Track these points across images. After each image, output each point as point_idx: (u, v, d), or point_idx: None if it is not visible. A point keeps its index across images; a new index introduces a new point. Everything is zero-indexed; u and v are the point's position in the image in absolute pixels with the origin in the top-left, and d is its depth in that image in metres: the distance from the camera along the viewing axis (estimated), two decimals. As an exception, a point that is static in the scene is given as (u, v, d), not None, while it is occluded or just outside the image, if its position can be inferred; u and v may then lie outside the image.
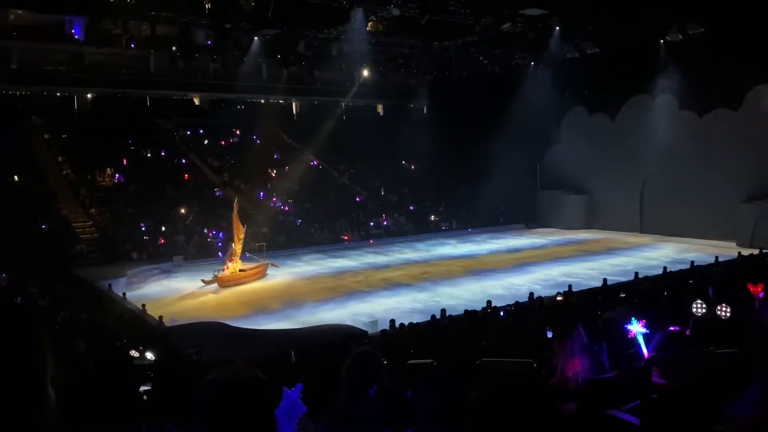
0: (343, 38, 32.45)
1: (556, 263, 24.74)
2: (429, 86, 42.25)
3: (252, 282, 22.75)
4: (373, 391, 2.70)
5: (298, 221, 31.80)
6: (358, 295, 20.30)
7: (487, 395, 1.46)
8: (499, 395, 1.46)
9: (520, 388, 1.49)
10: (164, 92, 36.76)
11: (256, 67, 35.92)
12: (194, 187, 31.94)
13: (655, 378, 3.54)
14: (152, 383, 4.02)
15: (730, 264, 17.92)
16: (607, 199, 34.38)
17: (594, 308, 11.09)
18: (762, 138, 26.78)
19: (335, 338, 12.76)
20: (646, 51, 30.63)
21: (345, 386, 2.75)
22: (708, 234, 28.39)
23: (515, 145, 32.51)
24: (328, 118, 39.60)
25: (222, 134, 37.69)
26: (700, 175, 29.23)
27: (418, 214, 35.79)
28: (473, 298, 18.13)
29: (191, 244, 27.57)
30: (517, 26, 29.99)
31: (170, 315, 16.98)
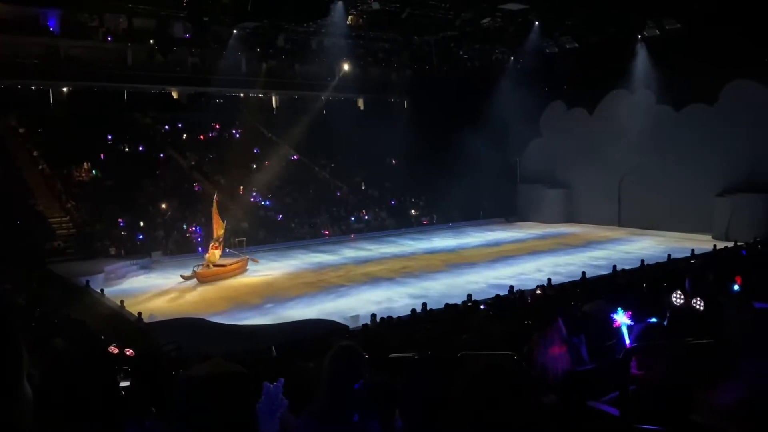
0: (323, 32, 32.35)
1: (535, 257, 24.94)
2: (409, 81, 42.27)
3: (232, 277, 22.61)
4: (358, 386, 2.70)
5: (279, 216, 31.66)
6: (339, 290, 20.29)
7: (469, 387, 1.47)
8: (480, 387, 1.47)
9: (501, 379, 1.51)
10: (142, 86, 36.31)
11: (236, 61, 35.63)
12: (173, 182, 31.63)
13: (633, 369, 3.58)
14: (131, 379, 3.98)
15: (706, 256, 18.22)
16: (586, 193, 34.73)
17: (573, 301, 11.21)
18: (736, 133, 27.19)
19: (316, 333, 12.74)
20: (624, 46, 30.94)
21: (326, 380, 2.75)
22: (684, 227, 28.81)
23: (495, 140, 32.72)
24: (308, 113, 39.44)
25: (201, 128, 37.35)
26: (677, 169, 29.65)
27: (399, 209, 35.85)
28: (454, 292, 18.19)
29: (170, 240, 27.32)
30: (496, 21, 30.12)
31: (149, 311, 16.83)
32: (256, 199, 32.78)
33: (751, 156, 26.89)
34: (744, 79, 27.23)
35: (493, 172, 34.08)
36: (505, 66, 37.11)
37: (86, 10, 30.84)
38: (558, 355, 4.21)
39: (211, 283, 21.59)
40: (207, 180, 32.86)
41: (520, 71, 35.71)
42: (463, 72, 37.79)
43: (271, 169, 34.69)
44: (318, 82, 39.83)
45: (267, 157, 36.05)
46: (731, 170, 27.53)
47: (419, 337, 10.42)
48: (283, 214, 31.97)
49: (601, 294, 11.62)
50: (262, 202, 32.70)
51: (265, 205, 32.59)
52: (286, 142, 37.69)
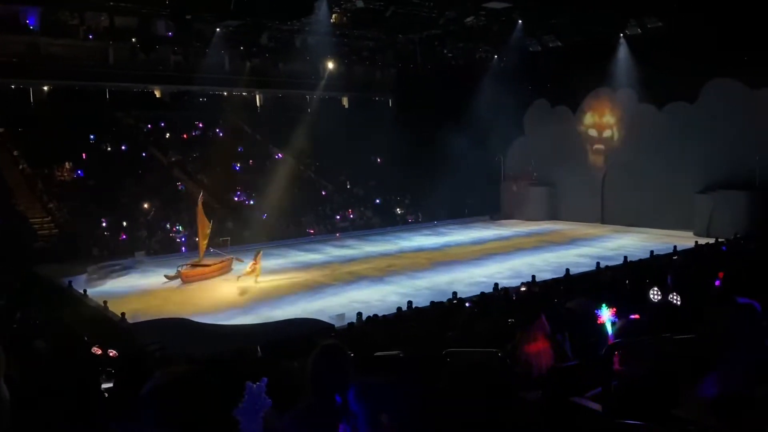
0: (307, 30, 32.25)
1: (520, 254, 25.06)
2: (394, 79, 42.28)
3: (216, 277, 22.49)
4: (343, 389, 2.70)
5: (264, 215, 31.53)
6: (325, 289, 20.25)
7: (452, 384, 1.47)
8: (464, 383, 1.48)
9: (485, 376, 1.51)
10: (124, 84, 35.96)
11: (219, 59, 35.39)
12: (156, 181, 31.39)
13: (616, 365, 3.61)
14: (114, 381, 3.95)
15: (688, 253, 18.43)
16: (569, 190, 34.97)
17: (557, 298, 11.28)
18: (717, 130, 27.52)
19: (302, 332, 12.71)
20: (606, 45, 31.18)
21: (311, 380, 2.74)
22: (666, 224, 29.12)
23: (480, 138, 32.82)
24: (292, 111, 39.31)
25: (184, 127, 37.07)
26: (659, 167, 29.94)
27: (384, 207, 35.85)
28: (439, 290, 18.24)
29: (153, 240, 27.11)
30: (480, 20, 30.22)
31: (133, 311, 16.69)
32: (241, 198, 32.62)
33: (731, 153, 27.21)
34: (724, 78, 27.55)
35: (478, 170, 34.20)
36: (489, 64, 37.24)
37: (67, 8, 30.50)
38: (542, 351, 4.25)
39: (195, 282, 21.45)
40: (190, 179, 32.65)
41: (504, 70, 35.85)
42: (448, 70, 37.87)
43: (256, 168, 34.53)
44: (302, 81, 39.69)
45: (251, 156, 35.89)
46: (712, 167, 27.84)
47: (405, 335, 10.43)
48: (267, 213, 31.84)
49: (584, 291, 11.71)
50: (246, 202, 32.55)
51: (250, 204, 32.44)
52: (270, 140, 37.53)
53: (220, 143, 35.90)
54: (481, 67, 36.98)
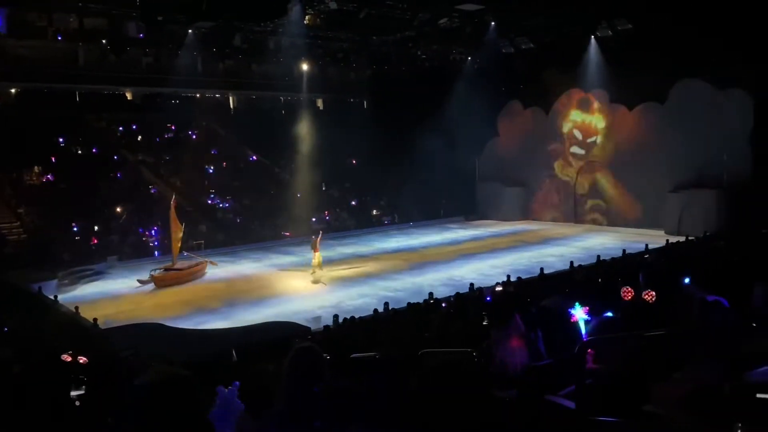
0: (280, 32, 32.08)
1: (494, 254, 25.24)
2: (368, 81, 42.26)
3: (190, 281, 22.25)
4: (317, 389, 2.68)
5: (238, 218, 31.29)
6: (301, 292, 20.17)
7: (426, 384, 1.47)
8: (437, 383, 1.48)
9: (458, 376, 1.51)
10: (94, 87, 35.36)
11: (191, 61, 34.97)
12: (128, 184, 30.96)
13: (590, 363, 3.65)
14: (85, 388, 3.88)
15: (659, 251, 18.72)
16: (543, 191, 35.34)
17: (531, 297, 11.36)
18: (686, 130, 28.03)
19: (277, 336, 12.63)
20: (578, 46, 31.58)
21: (286, 383, 2.72)
22: (638, 223, 29.58)
23: (454, 139, 32.98)
24: (266, 113, 39.05)
25: (156, 130, 36.63)
26: (631, 167, 30.43)
27: (360, 209, 35.83)
28: (416, 291, 18.28)
29: (126, 244, 26.74)
30: (453, 21, 30.39)
31: (105, 317, 16.43)
32: (214, 201, 32.33)
33: (700, 153, 27.73)
34: (692, 78, 28.09)
35: (452, 171, 34.38)
36: (463, 66, 37.46)
37: (35, 9, 29.92)
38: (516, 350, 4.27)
39: (168, 287, 21.19)
40: (163, 182, 32.27)
41: (478, 71, 36.11)
42: (422, 72, 38.00)
43: (230, 171, 34.25)
44: (276, 82, 39.42)
45: (225, 159, 35.60)
46: (682, 167, 28.35)
47: (381, 336, 10.43)
48: (242, 215, 31.61)
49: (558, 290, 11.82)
50: (220, 204, 32.27)
51: (224, 207, 32.17)
52: (244, 142, 37.25)
53: (193, 145, 35.55)
54: (454, 69, 37.20)
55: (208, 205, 31.89)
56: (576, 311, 5.29)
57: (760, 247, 13.46)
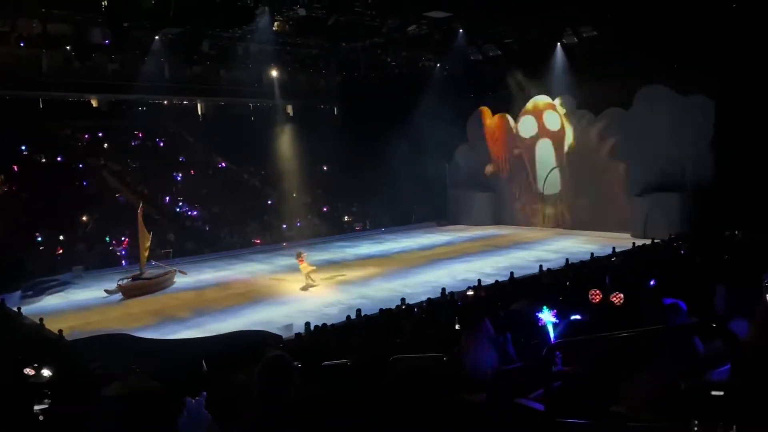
0: (248, 38, 31.92)
1: (465, 259, 25.40)
2: (338, 87, 42.27)
3: (159, 290, 21.92)
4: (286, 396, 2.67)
5: (207, 226, 30.96)
6: (272, 300, 20.00)
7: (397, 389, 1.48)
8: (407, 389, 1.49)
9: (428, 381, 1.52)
10: (58, 94, 34.71)
11: (158, 67, 34.58)
12: (94, 193, 30.41)
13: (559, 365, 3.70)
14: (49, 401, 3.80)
15: (626, 254, 19.06)
16: (513, 196, 35.72)
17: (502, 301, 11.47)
18: (650, 135, 28.61)
19: (248, 344, 12.51)
20: (544, 53, 32.05)
21: (256, 392, 2.70)
22: (605, 226, 30.04)
23: (424, 145, 33.16)
24: (235, 119, 38.77)
25: (123, 137, 36.08)
26: (598, 171, 30.94)
27: (332, 215, 35.76)
28: (388, 297, 18.29)
29: (92, 253, 26.24)
30: (422, 28, 30.59)
31: (71, 328, 16.09)
32: (183, 208, 31.95)
33: (664, 157, 28.32)
34: (656, 84, 28.69)
35: (423, 176, 34.56)
36: (432, 73, 37.73)
37: (-5, 15, 29.28)
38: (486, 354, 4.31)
39: (136, 297, 20.85)
40: (130, 190, 31.77)
41: (447, 78, 36.41)
42: (391, 78, 38.16)
43: (198, 178, 33.90)
44: (245, 89, 39.16)
45: (193, 166, 35.22)
46: (647, 171, 28.91)
47: (354, 343, 10.41)
48: (211, 223, 31.28)
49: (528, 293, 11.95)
50: (188, 212, 31.89)
51: (192, 215, 31.80)
52: (213, 149, 36.91)
53: (161, 153, 35.11)
54: (424, 76, 37.44)
55: (177, 213, 31.49)
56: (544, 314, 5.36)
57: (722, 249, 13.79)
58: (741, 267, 8.53)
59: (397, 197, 34.00)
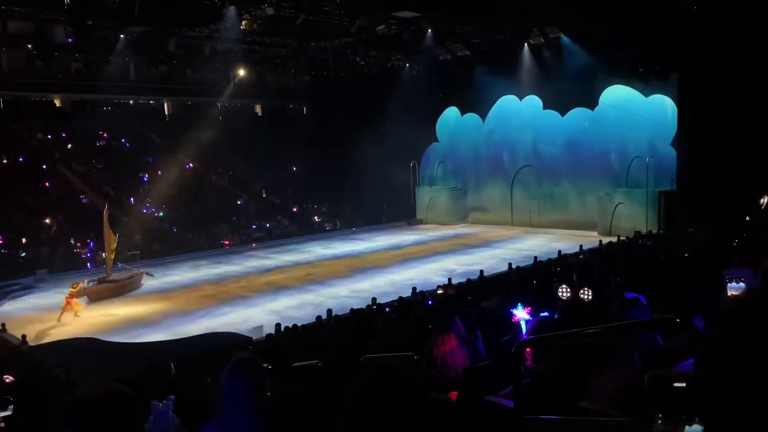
0: (216, 37, 31.58)
1: (436, 258, 25.51)
2: (307, 87, 42.10)
3: (126, 293, 21.56)
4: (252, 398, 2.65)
5: (174, 227, 30.55)
6: (242, 301, 19.83)
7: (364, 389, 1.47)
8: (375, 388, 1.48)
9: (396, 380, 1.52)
10: (20, 93, 33.89)
11: (123, 67, 34.01)
12: (58, 195, 29.75)
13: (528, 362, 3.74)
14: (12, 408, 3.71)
15: (593, 251, 19.36)
16: (481, 195, 36.01)
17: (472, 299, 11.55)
18: (615, 134, 29.16)
19: (217, 347, 12.38)
20: (512, 54, 32.38)
21: (224, 395, 2.67)
22: (573, 225, 30.50)
23: (394, 145, 33.22)
24: (203, 119, 38.32)
25: (87, 138, 35.35)
26: (565, 170, 31.40)
27: (302, 216, 35.59)
28: (359, 297, 18.30)
29: (56, 256, 25.68)
30: (391, 28, 30.63)
31: (35, 333, 15.73)
32: (150, 210, 31.46)
33: (628, 156, 28.89)
34: (620, 85, 29.23)
35: (393, 176, 34.62)
36: (401, 73, 37.82)
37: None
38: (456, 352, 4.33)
39: (103, 300, 20.46)
40: (95, 191, 31.16)
41: (416, 78, 36.54)
42: (361, 78, 38.14)
43: (165, 179, 33.40)
44: (213, 88, 38.75)
45: (160, 166, 34.69)
46: (613, 170, 29.45)
47: (325, 343, 10.37)
48: (178, 225, 30.86)
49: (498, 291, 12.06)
50: (156, 214, 31.42)
51: (159, 216, 31.34)
52: (180, 150, 36.43)
53: (127, 153, 34.53)
54: (393, 75, 37.51)
55: (143, 214, 30.99)
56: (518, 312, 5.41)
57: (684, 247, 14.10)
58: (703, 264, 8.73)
59: (367, 197, 34.02)
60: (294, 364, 4.63)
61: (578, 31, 28.73)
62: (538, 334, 4.59)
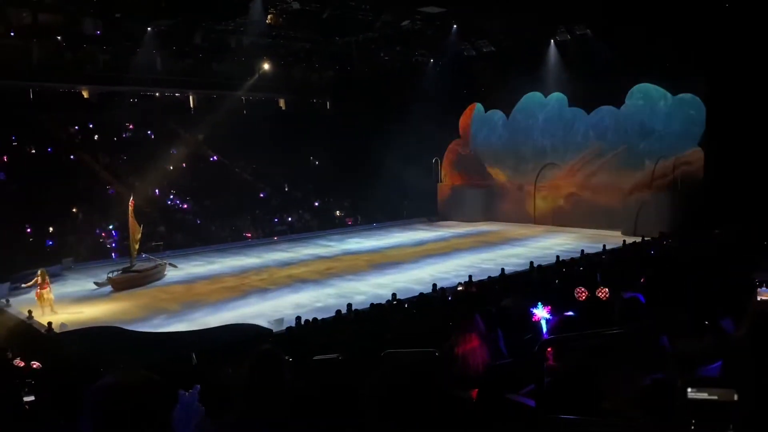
0: (241, 30, 31.78)
1: (457, 255, 25.43)
2: (331, 81, 42.17)
3: (149, 283, 21.84)
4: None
5: (198, 219, 30.86)
6: (263, 294, 19.97)
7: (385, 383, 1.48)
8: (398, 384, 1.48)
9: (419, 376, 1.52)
10: (49, 84, 34.42)
11: (150, 59, 34.36)
12: (84, 185, 30.20)
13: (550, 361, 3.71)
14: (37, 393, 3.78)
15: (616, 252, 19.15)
16: (504, 192, 35.79)
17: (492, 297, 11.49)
18: (641, 133, 28.77)
19: (238, 338, 12.49)
20: (538, 50, 32.10)
21: (246, 386, 2.69)
22: (596, 224, 30.17)
23: (417, 140, 33.17)
24: (227, 112, 38.60)
25: (114, 129, 35.81)
26: (588, 169, 31.07)
27: (323, 210, 35.71)
28: (379, 292, 18.31)
29: (82, 246, 26.09)
30: (416, 23, 30.55)
31: (60, 321, 16.01)
32: (174, 201, 31.81)
33: (654, 155, 28.48)
34: (648, 83, 28.83)
35: (415, 172, 34.57)
36: (425, 68, 37.70)
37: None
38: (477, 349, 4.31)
39: (126, 290, 20.75)
40: (121, 182, 31.58)
41: (440, 73, 36.40)
42: (384, 73, 38.10)
43: (189, 171, 33.74)
44: (237, 82, 38.96)
45: (184, 159, 35.03)
46: (638, 169, 29.06)
47: (344, 338, 10.41)
48: (202, 216, 31.17)
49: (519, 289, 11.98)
50: (179, 205, 31.76)
51: (183, 207, 31.68)
52: (204, 142, 36.75)
53: (152, 145, 34.90)
54: (417, 71, 37.41)
55: (167, 206, 31.35)
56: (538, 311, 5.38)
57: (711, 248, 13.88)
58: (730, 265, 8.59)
59: (389, 192, 34.01)
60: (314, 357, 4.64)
61: (605, 27, 28.38)
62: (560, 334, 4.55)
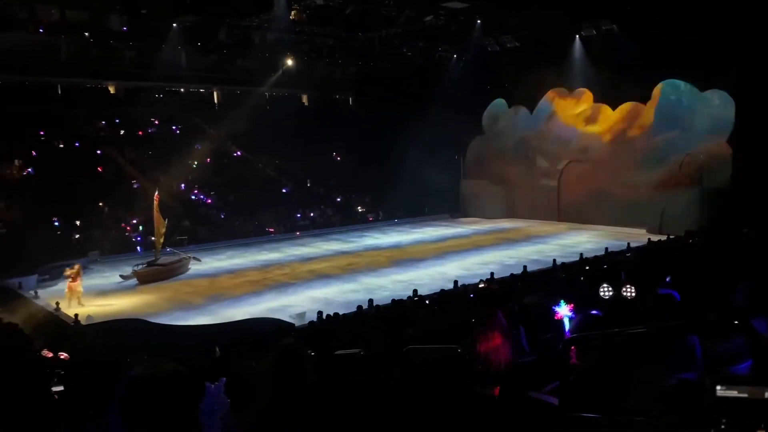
0: (265, 26, 31.95)
1: (479, 251, 25.34)
2: (354, 77, 42.21)
3: (173, 277, 22.11)
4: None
5: (222, 214, 31.13)
6: (285, 288, 20.10)
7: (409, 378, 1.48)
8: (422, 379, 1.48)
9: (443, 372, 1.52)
10: (76, 80, 34.92)
11: (175, 55, 34.69)
12: (110, 179, 30.64)
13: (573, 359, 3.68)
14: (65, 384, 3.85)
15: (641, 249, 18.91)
16: (527, 189, 35.50)
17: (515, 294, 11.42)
18: (668, 129, 28.33)
19: (261, 332, 12.59)
20: (562, 46, 31.79)
21: (269, 380, 2.72)
22: (621, 221, 29.79)
23: (439, 137, 33.05)
24: (251, 108, 38.82)
25: (139, 124, 36.25)
26: (613, 165, 30.67)
27: (345, 206, 35.80)
28: (400, 288, 18.32)
29: (108, 239, 26.48)
30: (439, 19, 30.44)
31: (86, 313, 16.28)
32: (198, 196, 32.13)
33: (681, 152, 28.03)
34: (675, 79, 28.39)
35: (438, 168, 34.46)
36: (449, 64, 37.54)
37: (15, 1, 29.52)
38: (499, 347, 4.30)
39: (151, 283, 21.03)
40: (146, 177, 31.96)
41: (463, 69, 36.22)
42: (407, 69, 38.03)
43: (213, 166, 34.05)
44: (261, 78, 39.16)
45: (209, 154, 35.34)
46: (664, 166, 28.63)
47: (366, 333, 10.43)
48: (225, 211, 31.44)
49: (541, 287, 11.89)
50: (203, 200, 32.08)
51: (207, 202, 31.99)
52: (228, 138, 37.03)
53: (177, 140, 35.26)
54: (440, 66, 37.27)
55: (192, 200, 31.67)
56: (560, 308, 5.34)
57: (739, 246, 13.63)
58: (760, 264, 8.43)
59: (411, 188, 33.96)
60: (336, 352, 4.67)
61: (631, 22, 27.99)
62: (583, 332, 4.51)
